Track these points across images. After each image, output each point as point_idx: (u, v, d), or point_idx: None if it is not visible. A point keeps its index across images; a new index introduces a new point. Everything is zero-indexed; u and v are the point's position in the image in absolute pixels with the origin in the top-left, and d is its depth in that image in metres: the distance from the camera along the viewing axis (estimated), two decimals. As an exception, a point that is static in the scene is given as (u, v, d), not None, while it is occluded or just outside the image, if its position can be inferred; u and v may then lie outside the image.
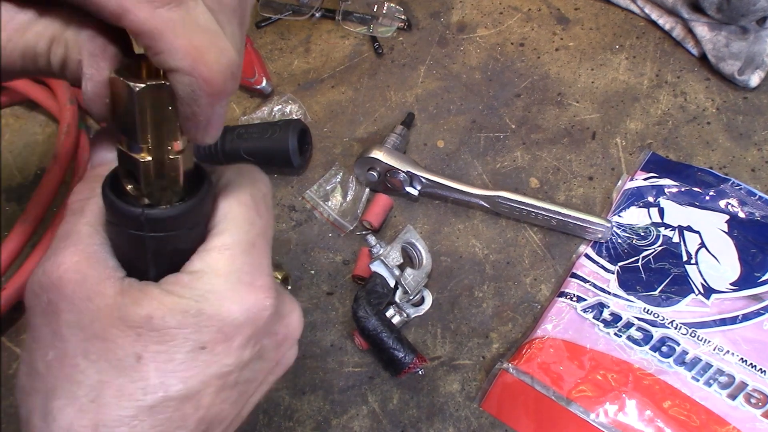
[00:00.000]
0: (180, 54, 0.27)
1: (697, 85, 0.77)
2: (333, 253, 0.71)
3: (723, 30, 0.76)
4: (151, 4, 0.26)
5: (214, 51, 0.27)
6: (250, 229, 0.33)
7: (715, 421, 0.57)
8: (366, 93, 0.81)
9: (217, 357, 0.31)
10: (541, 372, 0.60)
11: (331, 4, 0.87)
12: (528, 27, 0.84)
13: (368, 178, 0.71)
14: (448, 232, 0.71)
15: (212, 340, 0.30)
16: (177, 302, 0.30)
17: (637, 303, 0.63)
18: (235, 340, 0.31)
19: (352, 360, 0.64)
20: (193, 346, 0.30)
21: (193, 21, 0.27)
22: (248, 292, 0.31)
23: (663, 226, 0.67)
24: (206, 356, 0.30)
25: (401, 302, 0.64)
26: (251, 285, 0.31)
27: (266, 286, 0.32)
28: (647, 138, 0.74)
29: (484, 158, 0.75)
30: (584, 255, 0.67)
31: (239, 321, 0.31)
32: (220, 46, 0.28)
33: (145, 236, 0.30)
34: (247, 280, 0.31)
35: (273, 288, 0.33)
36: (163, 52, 0.27)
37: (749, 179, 0.70)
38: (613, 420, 0.57)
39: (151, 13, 0.26)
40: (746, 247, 0.65)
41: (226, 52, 0.28)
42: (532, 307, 0.65)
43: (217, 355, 0.30)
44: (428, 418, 0.61)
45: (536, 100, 0.78)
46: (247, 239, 0.32)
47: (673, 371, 0.59)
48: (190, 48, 0.27)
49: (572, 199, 0.71)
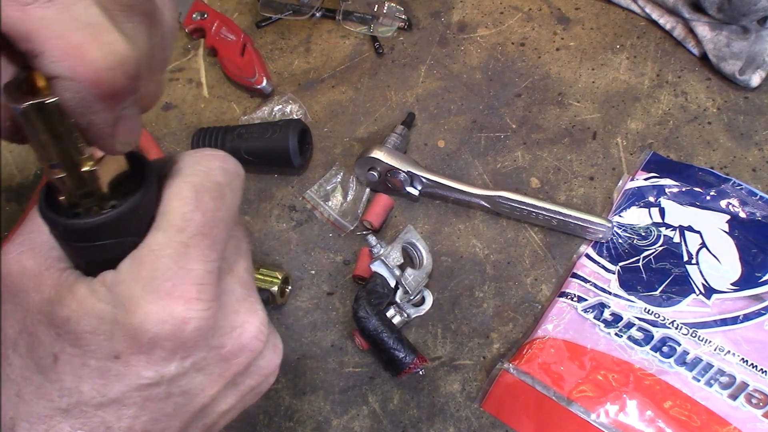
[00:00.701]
0: (56, 55, 0.24)
1: (698, 84, 0.77)
2: (333, 253, 0.71)
3: (724, 30, 0.75)
4: (20, 2, 0.23)
5: (96, 47, 0.24)
6: (184, 228, 0.29)
7: (716, 422, 0.57)
8: (366, 93, 0.81)
9: (133, 368, 0.28)
10: (541, 372, 0.60)
11: (331, 4, 0.87)
12: (529, 27, 0.84)
13: (369, 178, 0.71)
14: (449, 232, 0.71)
15: (126, 350, 0.28)
16: (94, 306, 0.28)
17: (638, 303, 0.63)
18: (153, 353, 0.28)
19: (352, 360, 0.64)
20: (107, 354, 0.28)
21: (71, 17, 0.24)
22: (165, 302, 0.28)
23: (664, 226, 0.67)
24: (120, 366, 0.28)
25: (402, 302, 0.64)
26: (170, 295, 0.28)
27: (190, 296, 0.29)
28: (648, 138, 0.74)
29: (484, 158, 0.75)
30: (585, 255, 0.67)
31: (153, 332, 0.28)
32: (103, 41, 0.24)
33: (74, 246, 0.29)
34: (166, 289, 0.28)
35: (202, 299, 0.29)
36: (38, 55, 0.24)
37: (750, 179, 0.70)
38: (613, 420, 0.57)
39: (21, 12, 0.23)
40: (747, 247, 0.65)
41: (111, 46, 0.25)
42: (532, 307, 0.65)
43: (133, 366, 0.28)
44: (429, 419, 0.61)
45: (537, 100, 0.78)
46: (179, 240, 0.29)
47: (674, 371, 0.59)
48: (67, 47, 0.24)
49: (573, 199, 0.71)
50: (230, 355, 0.32)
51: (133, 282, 0.28)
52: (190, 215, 0.29)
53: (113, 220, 0.28)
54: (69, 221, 0.28)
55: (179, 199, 0.30)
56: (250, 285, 0.34)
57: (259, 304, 0.34)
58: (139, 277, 0.28)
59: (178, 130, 0.82)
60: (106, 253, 0.29)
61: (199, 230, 0.29)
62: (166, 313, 0.28)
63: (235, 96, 0.84)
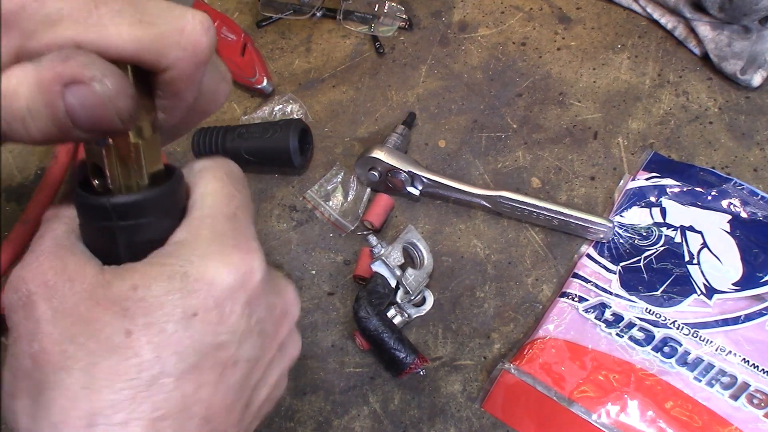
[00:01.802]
0: (174, 44, 0.27)
1: (699, 84, 0.77)
2: (334, 253, 0.71)
3: (725, 29, 0.75)
4: (142, 21, 0.26)
5: (191, 22, 0.28)
6: (230, 202, 0.32)
7: (717, 422, 0.56)
8: (367, 92, 0.81)
9: (211, 325, 0.29)
10: (542, 372, 0.60)
11: (332, 4, 0.87)
12: (529, 26, 0.84)
13: (369, 177, 0.71)
14: (450, 232, 0.70)
15: (203, 306, 0.29)
16: (161, 270, 0.28)
17: (639, 303, 0.63)
18: (226, 306, 0.29)
19: (353, 360, 0.64)
20: (184, 314, 0.28)
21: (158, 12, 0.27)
22: (234, 253, 0.30)
23: (665, 226, 0.67)
24: (199, 324, 0.28)
25: (402, 302, 0.64)
26: (236, 246, 0.30)
27: (253, 248, 0.31)
28: (649, 138, 0.74)
29: (485, 158, 0.75)
30: (586, 255, 0.67)
31: (227, 282, 0.29)
32: (193, 15, 0.28)
33: (114, 226, 0.29)
34: (231, 243, 0.30)
35: (260, 251, 0.31)
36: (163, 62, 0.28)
37: (751, 179, 0.70)
38: (615, 421, 0.57)
39: (146, 29, 0.27)
40: (748, 247, 0.65)
41: (200, 15, 0.28)
42: (533, 308, 0.65)
43: (210, 323, 0.29)
44: (429, 419, 0.60)
45: (538, 99, 0.78)
46: (228, 210, 0.31)
47: (675, 372, 0.59)
48: (176, 35, 0.27)
49: (574, 199, 0.71)
50: (281, 317, 0.34)
51: (199, 241, 0.30)
52: (232, 193, 0.32)
53: (157, 197, 0.30)
54: (115, 198, 0.29)
55: (218, 181, 0.32)
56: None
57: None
58: (202, 238, 0.30)
59: (179, 129, 0.82)
60: (146, 233, 0.30)
61: (240, 204, 0.32)
62: (235, 262, 0.30)
63: (235, 96, 0.84)
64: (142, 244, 0.30)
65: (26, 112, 0.25)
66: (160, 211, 0.30)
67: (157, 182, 0.31)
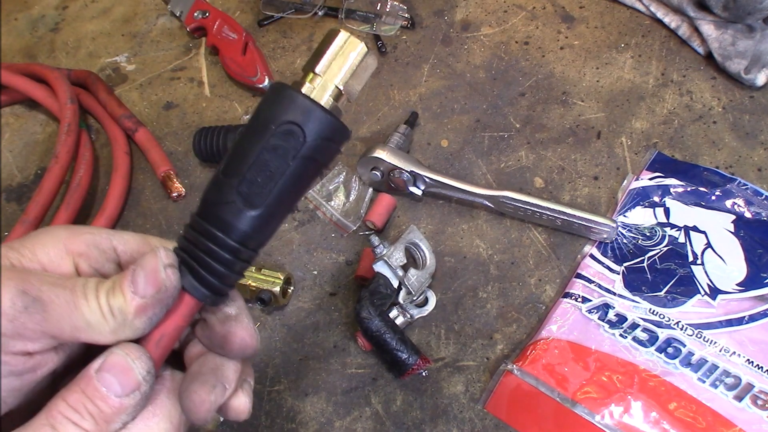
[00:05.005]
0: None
1: (703, 84, 0.76)
2: (336, 253, 0.70)
3: (729, 28, 0.75)
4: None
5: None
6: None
7: (721, 423, 0.56)
8: (369, 92, 0.81)
9: None
10: (545, 373, 0.59)
11: (333, 2, 0.87)
12: (533, 25, 0.83)
13: (371, 177, 0.71)
14: (452, 233, 0.70)
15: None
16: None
17: (643, 304, 0.63)
18: None
19: (355, 361, 0.64)
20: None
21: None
22: None
23: (669, 226, 0.67)
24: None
25: (405, 303, 0.64)
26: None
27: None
28: (653, 137, 0.73)
29: (488, 158, 0.74)
30: (589, 255, 0.66)
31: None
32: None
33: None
34: None
35: None
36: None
37: (756, 179, 0.69)
38: (618, 422, 0.57)
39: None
40: (753, 247, 0.64)
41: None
42: (536, 308, 0.65)
43: None
44: (432, 420, 0.60)
45: (541, 99, 0.78)
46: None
47: (679, 372, 0.59)
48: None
49: (577, 198, 0.71)
50: None
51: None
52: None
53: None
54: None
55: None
56: None
57: None
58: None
59: (180, 129, 0.82)
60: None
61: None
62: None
63: (236, 95, 0.83)
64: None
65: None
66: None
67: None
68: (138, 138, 0.79)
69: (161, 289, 0.31)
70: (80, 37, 0.94)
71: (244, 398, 0.36)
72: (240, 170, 0.32)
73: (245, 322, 0.35)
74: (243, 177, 0.32)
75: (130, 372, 0.31)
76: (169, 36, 0.92)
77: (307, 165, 0.32)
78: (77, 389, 0.30)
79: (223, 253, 0.33)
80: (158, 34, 0.92)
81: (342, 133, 0.34)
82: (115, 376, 0.30)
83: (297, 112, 0.32)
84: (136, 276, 0.31)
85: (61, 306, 0.30)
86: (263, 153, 0.32)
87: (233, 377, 0.35)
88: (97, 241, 0.35)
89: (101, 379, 0.30)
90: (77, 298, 0.31)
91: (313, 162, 0.33)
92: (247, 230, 0.33)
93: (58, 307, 0.30)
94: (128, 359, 0.31)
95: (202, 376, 0.34)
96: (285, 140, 0.32)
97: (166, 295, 0.32)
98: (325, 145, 0.33)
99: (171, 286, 0.32)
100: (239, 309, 0.36)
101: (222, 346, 0.35)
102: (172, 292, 0.32)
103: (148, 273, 0.31)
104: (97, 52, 0.92)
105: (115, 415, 0.30)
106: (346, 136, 0.34)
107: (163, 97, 0.85)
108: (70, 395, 0.30)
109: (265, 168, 0.32)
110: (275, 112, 0.32)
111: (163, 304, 0.32)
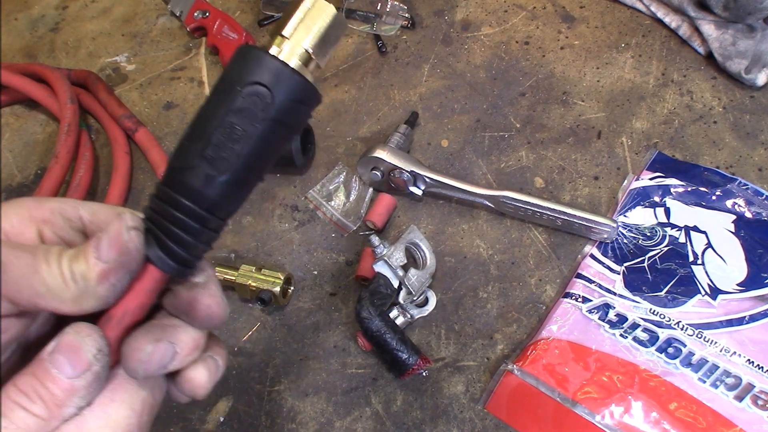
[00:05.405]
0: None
1: (704, 83, 0.76)
2: (336, 253, 0.70)
3: (730, 28, 0.75)
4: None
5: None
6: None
7: (721, 423, 0.56)
8: (369, 92, 0.81)
9: None
10: (546, 373, 0.59)
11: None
12: (533, 25, 0.83)
13: (372, 177, 0.71)
14: (453, 233, 0.70)
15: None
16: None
17: (643, 304, 0.62)
18: None
19: (355, 361, 0.64)
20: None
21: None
22: None
23: (669, 226, 0.67)
24: None
25: (405, 303, 0.64)
26: None
27: None
28: (653, 137, 0.73)
29: (488, 158, 0.74)
30: (590, 255, 0.66)
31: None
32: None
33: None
34: None
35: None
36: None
37: (756, 179, 0.69)
38: (618, 422, 0.57)
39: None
40: (753, 247, 0.64)
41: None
42: (537, 308, 0.65)
43: None
44: (432, 420, 0.60)
45: (541, 99, 0.78)
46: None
47: (679, 373, 0.59)
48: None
49: (577, 198, 0.71)
50: None
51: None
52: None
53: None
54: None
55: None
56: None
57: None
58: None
59: (180, 129, 0.82)
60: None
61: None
62: None
63: (237, 95, 0.83)
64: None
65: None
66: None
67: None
68: (138, 138, 0.79)
69: (123, 251, 0.30)
70: (80, 37, 0.94)
71: (203, 372, 0.34)
72: (205, 134, 0.30)
73: (213, 289, 0.33)
74: (208, 141, 0.30)
75: (79, 350, 0.29)
76: (170, 36, 0.91)
77: (276, 128, 0.31)
78: (28, 372, 0.29)
79: (189, 220, 0.31)
80: (158, 34, 0.92)
81: (312, 95, 0.32)
82: (65, 356, 0.29)
83: (264, 73, 0.30)
84: (100, 241, 0.30)
85: (21, 268, 0.29)
86: (229, 115, 0.30)
87: (189, 343, 0.33)
88: (62, 209, 0.34)
89: (53, 361, 0.29)
90: (38, 261, 0.29)
91: (282, 125, 0.31)
92: (214, 197, 0.31)
93: (17, 268, 0.29)
94: (78, 337, 0.29)
95: (148, 327, 0.32)
96: (252, 102, 0.30)
97: (129, 259, 0.30)
98: (294, 107, 0.31)
99: (134, 248, 0.30)
100: (208, 277, 0.34)
101: (187, 314, 0.33)
102: (135, 255, 0.31)
103: (111, 236, 0.30)
104: (97, 52, 0.92)
105: (67, 398, 0.29)
106: (317, 98, 0.32)
107: (163, 97, 0.85)
108: (20, 378, 0.29)
109: (232, 131, 0.30)
110: (241, 74, 0.30)
111: (126, 269, 0.30)
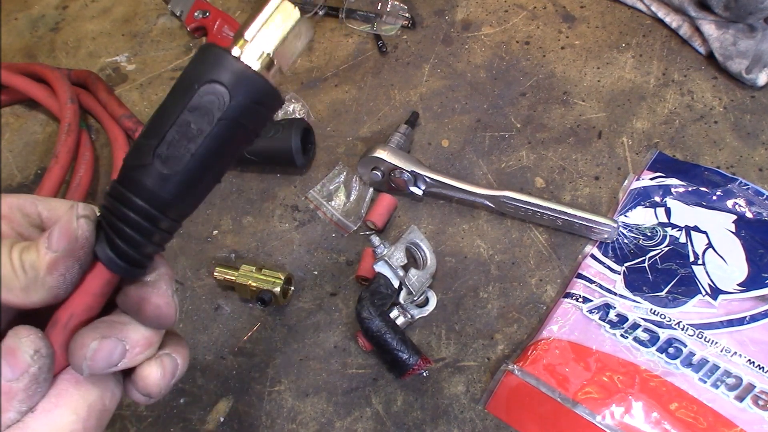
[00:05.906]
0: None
1: (704, 83, 0.76)
2: (336, 253, 0.70)
3: (730, 28, 0.75)
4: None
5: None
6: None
7: (722, 424, 0.56)
8: (370, 92, 0.81)
9: None
10: (546, 374, 0.59)
11: (334, 2, 0.87)
12: (533, 25, 0.83)
13: (372, 177, 0.71)
14: (453, 233, 0.70)
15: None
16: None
17: (644, 304, 0.62)
18: None
19: (355, 361, 0.64)
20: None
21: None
22: None
23: (670, 226, 0.67)
24: None
25: (405, 303, 0.64)
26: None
27: None
28: (654, 137, 0.73)
29: (489, 158, 0.74)
30: (590, 255, 0.66)
31: None
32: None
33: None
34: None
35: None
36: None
37: (757, 179, 0.69)
38: (619, 422, 0.57)
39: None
40: (754, 247, 0.64)
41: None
42: (537, 308, 0.65)
43: None
44: (433, 420, 0.60)
45: (542, 98, 0.78)
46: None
47: (680, 373, 0.59)
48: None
49: (578, 198, 0.71)
50: None
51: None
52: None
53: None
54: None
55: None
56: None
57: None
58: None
59: (180, 129, 0.82)
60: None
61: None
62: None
63: (237, 95, 0.83)
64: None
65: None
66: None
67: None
68: (138, 138, 0.79)
69: (72, 240, 0.30)
70: (80, 36, 0.94)
71: (156, 370, 0.33)
72: (159, 131, 0.30)
73: (163, 289, 0.33)
74: (162, 138, 0.30)
75: (16, 352, 0.29)
76: (170, 36, 0.91)
77: (233, 129, 0.30)
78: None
79: (141, 220, 0.30)
80: (158, 34, 0.92)
81: (271, 96, 0.31)
82: (5, 359, 0.29)
83: (222, 71, 0.29)
84: (52, 232, 0.30)
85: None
86: (185, 113, 0.29)
87: (140, 341, 0.32)
88: (21, 205, 0.33)
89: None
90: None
91: (239, 126, 0.30)
92: (166, 196, 0.30)
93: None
94: (15, 339, 0.29)
95: (96, 323, 0.32)
96: (209, 101, 0.29)
97: (77, 247, 0.30)
98: (252, 108, 0.30)
99: (82, 236, 0.30)
100: (158, 276, 0.33)
101: (136, 312, 0.32)
102: (84, 244, 0.30)
103: (62, 225, 0.30)
104: (97, 51, 0.92)
105: (6, 402, 0.29)
106: (277, 100, 0.31)
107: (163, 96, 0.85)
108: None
109: (187, 129, 0.29)
110: (200, 71, 0.30)
111: (74, 258, 0.30)
